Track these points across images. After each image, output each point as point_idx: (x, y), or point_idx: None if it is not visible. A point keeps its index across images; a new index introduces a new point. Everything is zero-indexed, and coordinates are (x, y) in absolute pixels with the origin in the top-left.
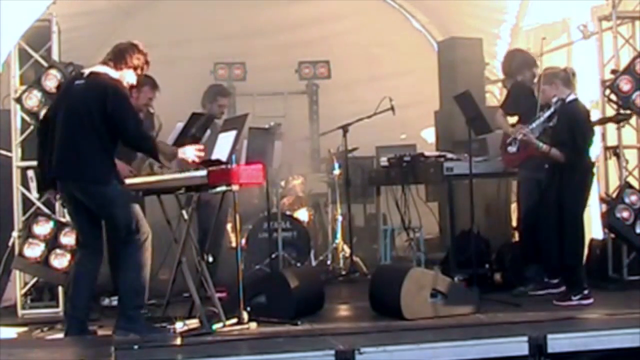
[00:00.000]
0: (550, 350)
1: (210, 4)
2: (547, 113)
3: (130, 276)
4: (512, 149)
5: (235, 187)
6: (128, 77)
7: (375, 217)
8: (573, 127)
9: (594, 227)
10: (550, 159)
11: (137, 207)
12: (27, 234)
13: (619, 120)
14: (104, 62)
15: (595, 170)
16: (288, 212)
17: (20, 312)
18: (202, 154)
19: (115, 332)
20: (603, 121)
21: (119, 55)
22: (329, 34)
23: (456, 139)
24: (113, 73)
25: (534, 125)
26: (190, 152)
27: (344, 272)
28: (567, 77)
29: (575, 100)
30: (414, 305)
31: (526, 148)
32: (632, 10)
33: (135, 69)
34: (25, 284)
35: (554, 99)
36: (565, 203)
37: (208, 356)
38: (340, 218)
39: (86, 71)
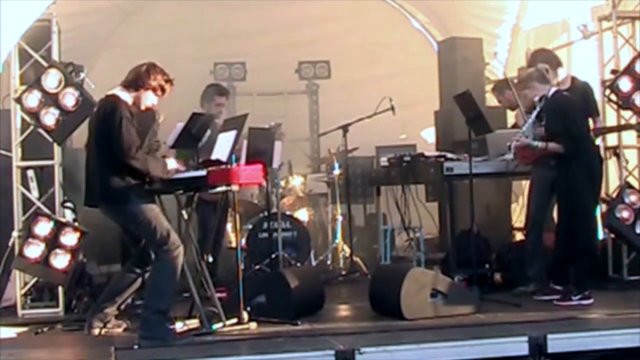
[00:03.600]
0: (550, 350)
1: (210, 4)
2: (535, 113)
3: (155, 279)
4: (509, 156)
5: (235, 187)
6: (147, 99)
7: (375, 217)
8: (562, 117)
9: None
10: (551, 154)
11: (163, 220)
12: (27, 234)
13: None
14: (121, 84)
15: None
16: (288, 212)
17: (20, 312)
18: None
19: (140, 342)
20: (622, 128)
21: (135, 78)
22: (329, 34)
23: (456, 139)
24: (124, 94)
25: (524, 128)
26: (172, 164)
27: (344, 272)
28: (541, 75)
29: (557, 91)
30: (414, 305)
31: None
32: (632, 10)
33: (154, 90)
34: (25, 284)
35: (536, 99)
36: (576, 193)
37: (208, 356)
38: (340, 218)
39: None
